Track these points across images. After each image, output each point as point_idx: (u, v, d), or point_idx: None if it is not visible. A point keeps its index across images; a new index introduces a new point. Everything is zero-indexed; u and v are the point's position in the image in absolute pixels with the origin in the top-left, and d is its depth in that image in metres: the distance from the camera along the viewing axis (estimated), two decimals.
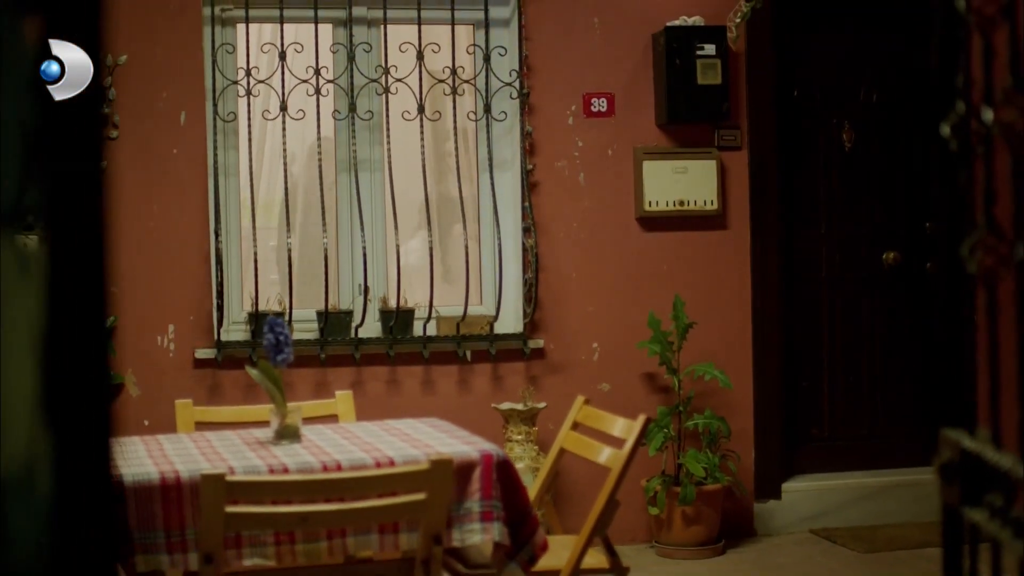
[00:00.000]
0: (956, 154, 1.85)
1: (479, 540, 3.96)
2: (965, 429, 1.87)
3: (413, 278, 7.04)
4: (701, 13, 7.12)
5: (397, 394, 6.87)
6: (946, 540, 1.95)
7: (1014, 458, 1.68)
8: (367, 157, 6.89)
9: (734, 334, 7.31)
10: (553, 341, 7.12)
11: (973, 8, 1.76)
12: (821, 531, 7.26)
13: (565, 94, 7.12)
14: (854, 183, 7.64)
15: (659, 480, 6.88)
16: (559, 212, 7.12)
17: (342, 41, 6.85)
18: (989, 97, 1.69)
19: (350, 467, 3.84)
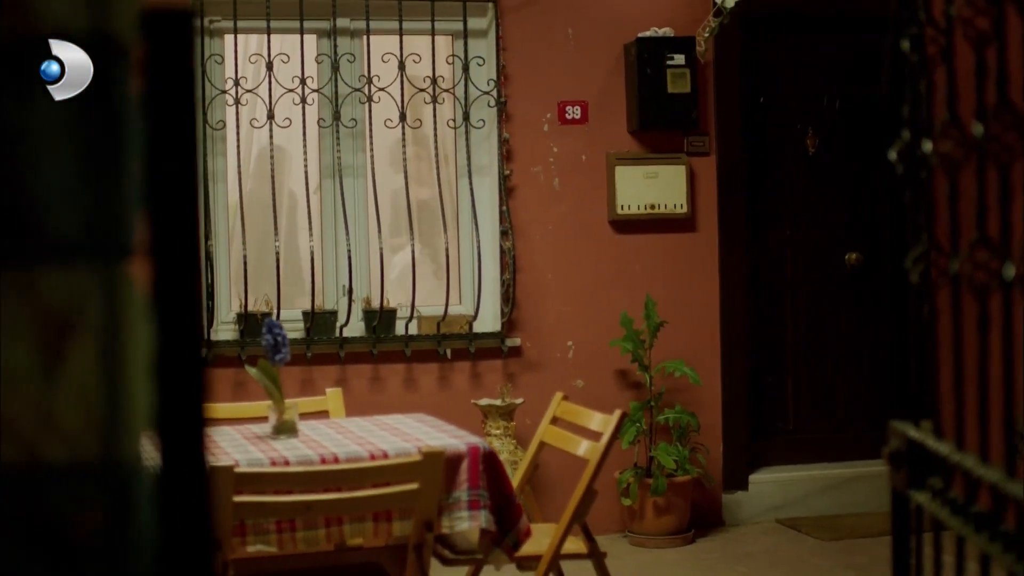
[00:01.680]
0: (902, 177, 2.04)
1: (467, 527, 4.10)
2: (911, 421, 2.06)
3: (396, 279, 7.12)
4: (671, 24, 7.18)
5: (380, 391, 6.93)
6: (895, 520, 2.14)
7: (951, 446, 1.87)
8: (350, 163, 6.96)
9: (703, 332, 7.36)
10: (530, 339, 7.18)
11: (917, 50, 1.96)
12: (786, 520, 7.33)
13: (541, 102, 7.17)
14: (818, 187, 7.69)
15: (632, 472, 6.94)
16: (535, 215, 7.17)
17: (326, 52, 6.90)
18: (929, 129, 1.89)
19: (346, 459, 3.98)
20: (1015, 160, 1.57)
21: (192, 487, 1.08)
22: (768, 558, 6.70)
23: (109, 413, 0.99)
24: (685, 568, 6.57)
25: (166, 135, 1.05)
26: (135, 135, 1.02)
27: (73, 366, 0.98)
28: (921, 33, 1.93)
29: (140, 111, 1.03)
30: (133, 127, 1.02)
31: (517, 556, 4.41)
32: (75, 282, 0.98)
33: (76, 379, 0.98)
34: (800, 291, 7.78)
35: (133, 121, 1.02)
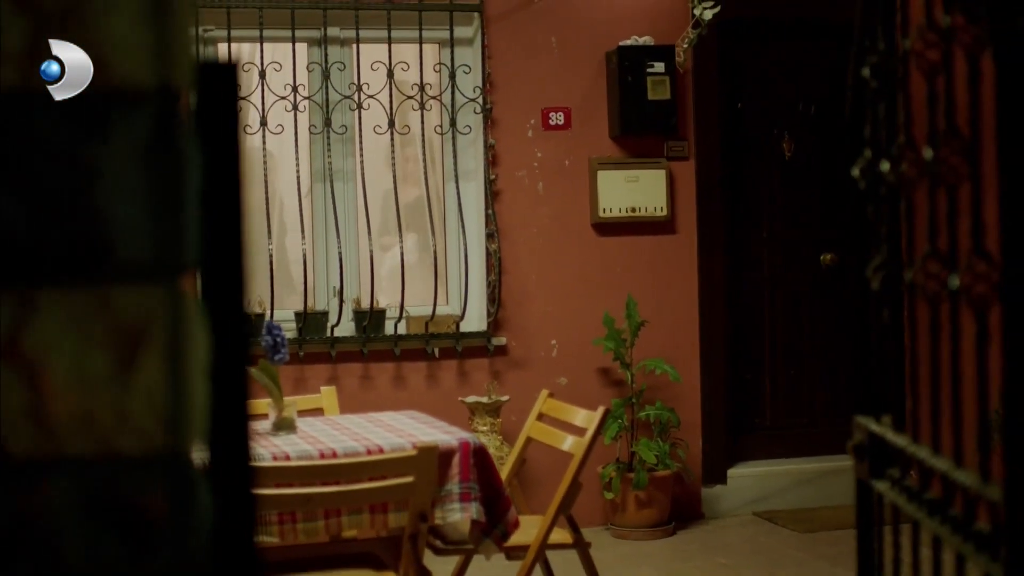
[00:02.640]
0: (864, 192, 2.20)
1: (459, 518, 4.23)
2: (873, 416, 2.21)
3: (384, 281, 7.21)
4: (651, 33, 7.25)
5: (370, 389, 7.00)
6: (859, 507, 2.29)
7: (908, 439, 2.03)
8: (341, 168, 7.04)
9: (683, 331, 7.44)
10: (515, 339, 7.25)
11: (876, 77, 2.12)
12: (764, 513, 7.43)
13: (525, 109, 7.24)
14: (794, 189, 7.79)
15: (614, 467, 7.03)
16: (520, 219, 7.25)
17: (317, 60, 6.97)
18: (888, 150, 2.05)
19: (344, 455, 4.11)
20: (962, 182, 1.72)
21: (240, 474, 1.24)
22: (746, 549, 6.81)
23: (173, 411, 1.14)
24: (666, 559, 6.67)
25: (215, 169, 1.20)
26: (192, 171, 1.17)
27: (143, 371, 1.13)
28: (879, 62, 2.09)
29: (195, 149, 1.18)
30: (191, 164, 1.17)
31: (506, 546, 4.54)
32: (144, 299, 1.13)
33: (146, 382, 1.13)
34: (777, 291, 7.86)
35: (190, 158, 1.17)
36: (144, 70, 1.13)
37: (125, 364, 1.12)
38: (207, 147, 1.20)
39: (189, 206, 1.17)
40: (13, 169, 1.10)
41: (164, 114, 1.15)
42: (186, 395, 1.15)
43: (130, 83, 1.13)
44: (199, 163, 1.18)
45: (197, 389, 1.17)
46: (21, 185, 1.10)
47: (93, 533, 1.12)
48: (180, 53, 1.15)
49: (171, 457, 1.14)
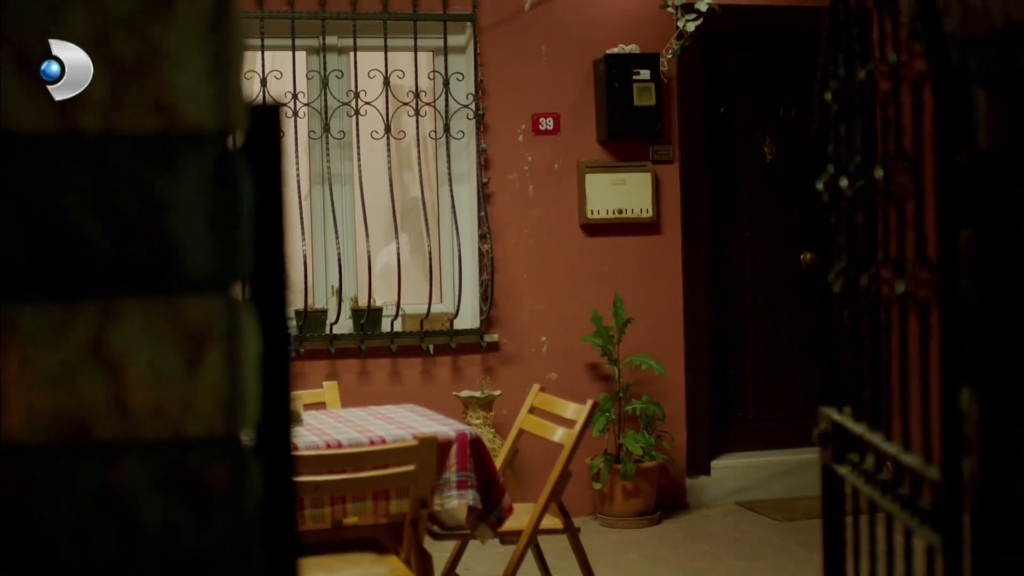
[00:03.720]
0: (827, 204, 2.39)
1: (457, 504, 4.40)
2: (835, 407, 2.41)
3: (381, 280, 7.33)
4: (637, 42, 7.37)
5: (368, 384, 7.11)
6: (824, 489, 2.48)
7: (865, 427, 2.23)
8: (339, 172, 7.17)
9: (668, 328, 7.55)
10: (506, 335, 7.37)
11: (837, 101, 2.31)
12: (746, 503, 7.55)
13: (516, 114, 7.36)
14: (775, 191, 7.90)
15: (602, 458, 7.13)
16: (511, 220, 7.36)
17: (316, 68, 7.09)
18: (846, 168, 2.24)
19: (349, 445, 4.27)
20: (908, 198, 1.92)
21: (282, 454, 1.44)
22: (729, 537, 6.93)
23: (230, 400, 1.34)
24: (652, 546, 6.79)
25: (262, 196, 1.40)
26: (245, 197, 1.37)
27: (206, 367, 1.33)
28: (840, 87, 2.28)
29: (247, 179, 1.37)
30: (243, 192, 1.37)
31: (500, 531, 4.70)
32: (206, 306, 1.33)
33: (208, 376, 1.33)
34: (759, 289, 7.96)
35: (243, 187, 1.37)
36: (206, 115, 1.33)
37: (191, 361, 1.32)
38: (256, 177, 1.40)
39: (242, 227, 1.36)
40: (98, 199, 1.30)
41: (222, 151, 1.34)
42: (241, 387, 1.35)
43: (195, 126, 1.32)
44: (250, 191, 1.38)
45: (249, 381, 1.37)
46: (105, 212, 1.30)
47: (164, 504, 1.32)
48: (235, 99, 1.35)
49: (228, 440, 1.34)
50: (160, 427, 1.31)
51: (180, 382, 1.31)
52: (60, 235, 1.29)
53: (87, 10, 1.29)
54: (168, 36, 1.30)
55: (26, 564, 1.30)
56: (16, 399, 1.28)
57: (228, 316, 1.33)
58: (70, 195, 1.29)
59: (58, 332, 1.29)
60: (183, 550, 1.32)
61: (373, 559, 4.32)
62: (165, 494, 1.31)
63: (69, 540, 1.30)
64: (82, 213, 1.29)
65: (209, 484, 1.33)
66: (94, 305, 1.30)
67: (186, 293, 1.32)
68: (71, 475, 1.30)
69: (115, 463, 1.31)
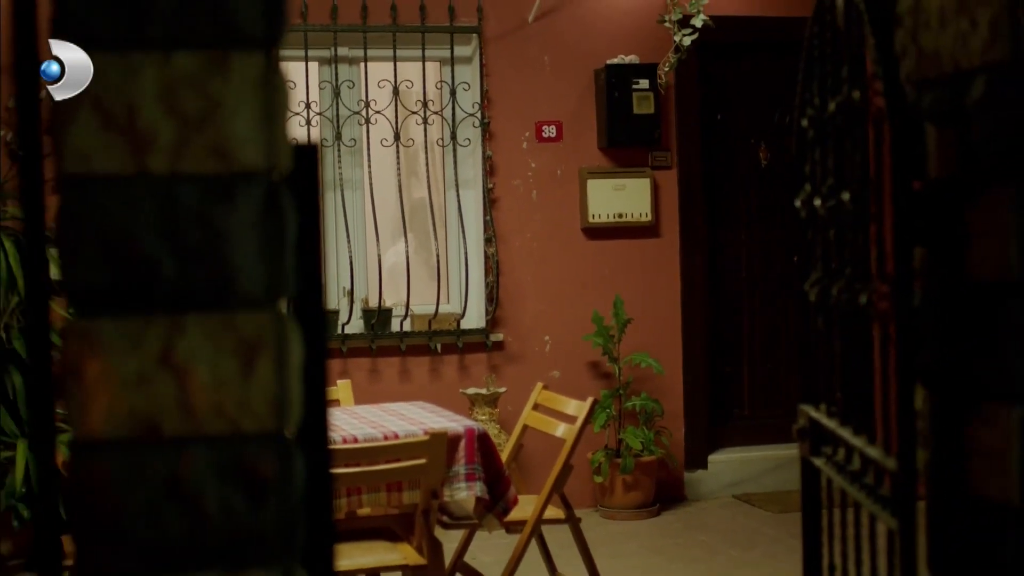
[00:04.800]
0: (804, 220, 2.59)
1: (465, 496, 4.58)
2: (812, 404, 2.60)
3: (390, 281, 7.45)
4: (636, 52, 7.51)
5: (378, 381, 7.25)
6: (804, 478, 2.67)
7: (837, 422, 2.42)
8: (351, 178, 7.31)
9: (666, 327, 7.68)
10: (511, 335, 7.49)
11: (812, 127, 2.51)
12: (742, 496, 7.67)
13: (520, 122, 7.49)
14: (770, 195, 8.00)
15: (603, 453, 7.27)
16: (516, 224, 7.50)
17: (328, 79, 7.24)
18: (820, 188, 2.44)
19: (364, 440, 4.47)
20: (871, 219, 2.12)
21: (320, 447, 1.64)
22: (725, 528, 7.07)
23: (279, 401, 1.54)
24: (651, 537, 6.94)
25: (303, 225, 1.60)
26: (289, 226, 1.57)
27: (258, 373, 1.53)
28: (815, 115, 2.48)
29: (291, 210, 1.58)
30: (288, 221, 1.57)
31: (506, 521, 4.88)
32: (258, 320, 1.53)
33: (260, 381, 1.53)
34: (754, 290, 8.07)
35: (288, 218, 1.57)
36: (257, 156, 1.53)
37: (245, 368, 1.52)
38: (298, 208, 1.60)
39: (287, 252, 1.57)
40: (167, 230, 1.50)
41: (270, 187, 1.55)
42: (287, 389, 1.55)
43: (248, 166, 1.52)
44: (293, 220, 1.58)
45: (294, 385, 1.57)
46: (173, 241, 1.50)
47: (223, 490, 1.52)
48: (280, 142, 1.55)
49: (277, 435, 1.54)
50: (219, 424, 1.51)
51: (236, 385, 1.51)
52: (135, 260, 1.49)
53: (157, 70, 1.49)
54: (225, 91, 1.51)
55: (108, 542, 1.50)
56: (98, 401, 1.49)
57: (276, 328, 1.54)
58: (143, 227, 1.49)
59: (133, 343, 1.49)
60: (239, 529, 1.52)
61: (387, 547, 4.52)
62: (224, 482, 1.52)
63: (144, 520, 1.50)
64: (153, 242, 1.49)
65: (261, 473, 1.53)
66: (163, 320, 1.50)
67: (241, 309, 1.52)
68: (145, 466, 1.50)
69: (181, 455, 1.51)
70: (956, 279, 1.92)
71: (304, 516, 1.58)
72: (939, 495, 1.97)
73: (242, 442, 1.52)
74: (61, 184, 1.49)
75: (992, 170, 1.83)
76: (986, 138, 1.84)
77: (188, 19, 1.49)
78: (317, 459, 1.63)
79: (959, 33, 1.89)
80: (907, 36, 2.06)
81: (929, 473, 1.99)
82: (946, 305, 1.92)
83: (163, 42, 1.49)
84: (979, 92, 1.84)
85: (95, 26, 1.48)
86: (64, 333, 1.50)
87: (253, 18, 1.52)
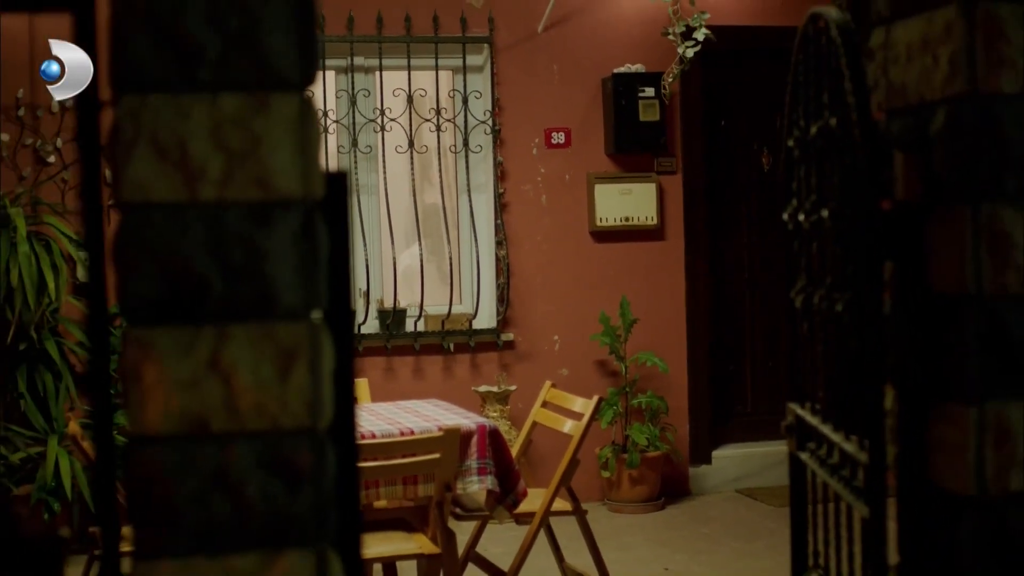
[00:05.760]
0: (790, 232, 2.75)
1: (477, 488, 4.74)
2: (798, 403, 2.77)
3: (404, 283, 7.55)
4: (642, 61, 7.62)
5: (393, 380, 7.37)
6: (792, 471, 2.83)
7: (819, 419, 2.59)
8: (366, 183, 7.45)
9: (671, 328, 7.77)
10: (521, 335, 7.60)
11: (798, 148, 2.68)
12: (744, 490, 7.77)
13: (530, 129, 7.61)
14: (772, 199, 8.01)
15: (610, 449, 7.36)
16: (526, 227, 7.60)
17: (345, 87, 7.37)
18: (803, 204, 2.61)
19: (381, 435, 4.63)
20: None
21: (349, 442, 1.82)
22: (728, 521, 7.18)
23: (313, 401, 1.72)
24: (656, 529, 7.06)
25: (334, 244, 1.77)
26: (322, 246, 1.75)
27: (294, 376, 1.71)
28: (800, 136, 2.65)
29: (324, 232, 1.75)
30: (321, 242, 1.75)
31: (516, 513, 5.01)
32: (294, 330, 1.71)
33: (296, 383, 1.71)
34: (756, 291, 8.15)
35: (321, 239, 1.75)
36: (294, 185, 1.71)
37: (283, 372, 1.70)
38: (330, 230, 1.77)
39: (320, 270, 1.74)
40: (215, 250, 1.68)
41: (306, 212, 1.72)
42: (320, 391, 1.73)
43: (286, 194, 1.70)
44: (326, 241, 1.76)
45: (326, 387, 1.75)
46: (220, 260, 1.68)
47: (264, 479, 1.70)
48: (315, 172, 1.73)
49: (311, 431, 1.72)
50: (261, 421, 1.70)
51: (275, 387, 1.70)
52: (187, 277, 1.67)
53: (207, 110, 1.67)
54: (266, 128, 1.69)
55: (162, 525, 1.68)
56: (154, 401, 1.67)
57: (311, 337, 1.72)
58: (193, 248, 1.67)
59: (185, 350, 1.68)
60: (277, 514, 1.70)
61: (404, 536, 4.68)
62: (264, 472, 1.70)
63: (193, 507, 1.68)
64: (202, 261, 1.68)
65: (297, 465, 1.71)
66: (212, 329, 1.68)
67: (280, 320, 1.70)
68: (195, 458, 1.69)
69: (227, 449, 1.69)
70: (920, 290, 2.09)
71: (335, 503, 1.76)
72: (906, 486, 2.15)
73: (280, 437, 1.70)
74: (121, 210, 1.68)
75: (951, 193, 2.01)
76: (946, 164, 2.01)
77: (233, 65, 1.68)
78: (346, 452, 1.80)
79: (923, 68, 2.07)
80: (878, 69, 2.24)
81: (897, 466, 2.16)
82: (911, 314, 2.10)
83: (211, 85, 1.67)
84: (940, 122, 2.02)
85: (151, 72, 1.66)
86: (122, 340, 1.69)
87: (289, 64, 1.70)
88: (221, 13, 1.66)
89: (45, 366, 6.29)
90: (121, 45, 1.66)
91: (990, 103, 1.95)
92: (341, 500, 1.78)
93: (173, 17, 1.65)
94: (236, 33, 1.67)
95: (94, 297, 1.75)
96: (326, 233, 1.74)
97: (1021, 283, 1.97)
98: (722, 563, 6.40)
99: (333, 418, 1.77)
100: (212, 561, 1.68)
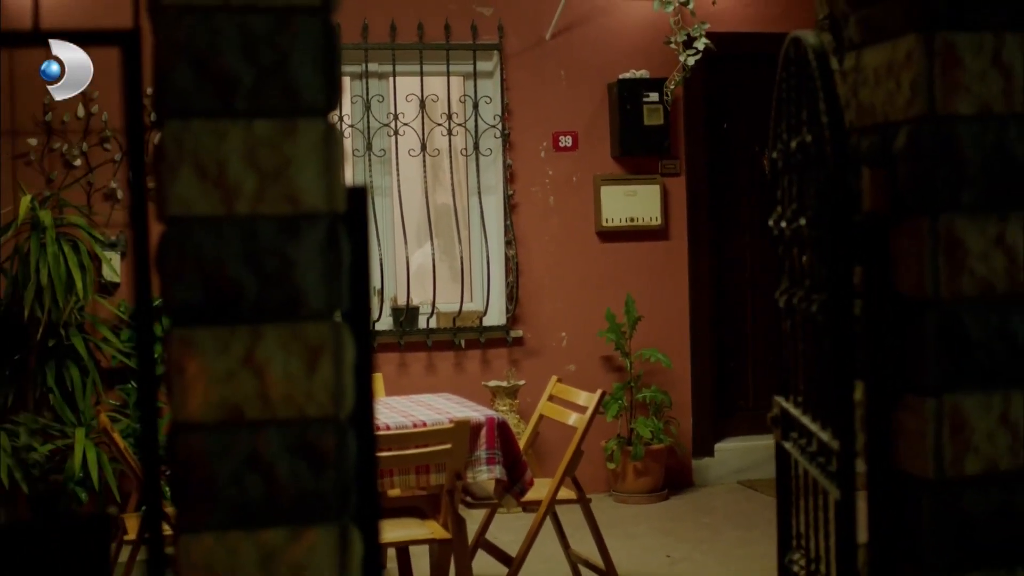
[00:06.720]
0: (775, 238, 2.93)
1: (486, 477, 4.90)
2: (783, 396, 2.94)
3: (417, 281, 7.66)
4: (647, 67, 7.72)
5: (406, 375, 7.49)
6: (778, 460, 3.00)
7: (800, 411, 2.76)
8: (380, 185, 7.55)
9: (675, 325, 7.86)
10: (530, 331, 7.70)
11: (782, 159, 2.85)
12: (746, 482, 7.85)
13: (538, 133, 7.70)
14: (771, 200, 8.23)
15: (615, 441, 7.46)
16: (534, 228, 7.70)
17: (359, 93, 7.49)
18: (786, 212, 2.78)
19: (395, 427, 4.80)
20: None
21: (368, 430, 2.00)
22: (729, 511, 7.30)
23: (336, 392, 1.91)
24: (660, 519, 7.18)
25: (355, 250, 1.96)
26: (344, 254, 1.93)
27: (320, 370, 1.89)
28: (783, 148, 2.82)
29: (346, 242, 1.94)
30: (344, 250, 1.93)
31: (523, 501, 5.17)
32: (320, 329, 1.90)
33: (321, 376, 1.89)
34: (758, 289, 8.17)
35: (344, 248, 1.93)
36: (320, 200, 1.89)
37: (310, 366, 1.89)
38: (351, 240, 1.96)
39: (343, 276, 1.93)
40: (249, 259, 1.87)
41: (330, 224, 1.91)
42: (342, 383, 1.91)
43: (312, 208, 1.89)
44: (347, 250, 1.94)
45: (348, 380, 1.94)
46: (254, 268, 1.87)
47: (292, 463, 1.89)
48: (338, 188, 1.91)
49: (334, 420, 1.90)
50: (289, 410, 1.88)
51: (302, 380, 1.88)
52: (224, 283, 1.86)
53: (242, 134, 1.86)
54: (294, 150, 1.87)
55: (201, 502, 1.87)
56: (195, 392, 1.86)
57: (334, 336, 1.90)
58: (230, 256, 1.86)
59: (222, 347, 1.86)
60: (305, 493, 1.88)
61: (417, 523, 4.86)
62: (293, 456, 1.88)
63: (229, 486, 1.87)
64: (238, 268, 1.86)
65: (322, 449, 1.89)
66: (246, 329, 1.87)
67: (306, 320, 1.89)
68: (231, 443, 1.87)
69: (259, 435, 1.87)
70: (886, 293, 2.27)
71: (355, 484, 1.94)
72: (874, 471, 2.33)
73: (307, 424, 1.88)
74: (165, 223, 1.86)
75: (912, 205, 2.19)
76: (908, 179, 2.19)
77: (265, 94, 1.86)
78: (365, 438, 1.99)
79: (888, 91, 2.25)
80: (850, 91, 2.42)
81: (866, 453, 2.34)
82: (878, 314, 2.28)
83: (246, 112, 1.86)
84: (902, 141, 2.20)
85: (192, 100, 1.85)
86: (166, 339, 1.87)
87: (315, 92, 1.88)
88: (255, 47, 1.84)
89: (72, 361, 6.48)
90: (165, 76, 1.84)
91: (947, 124, 2.13)
92: (361, 482, 1.96)
93: (212, 51, 1.84)
94: (268, 65, 1.85)
95: (140, 299, 1.93)
96: (348, 243, 1.92)
97: (975, 287, 2.15)
98: (723, 551, 6.52)
99: (353, 408, 1.95)
100: (247, 534, 1.86)
